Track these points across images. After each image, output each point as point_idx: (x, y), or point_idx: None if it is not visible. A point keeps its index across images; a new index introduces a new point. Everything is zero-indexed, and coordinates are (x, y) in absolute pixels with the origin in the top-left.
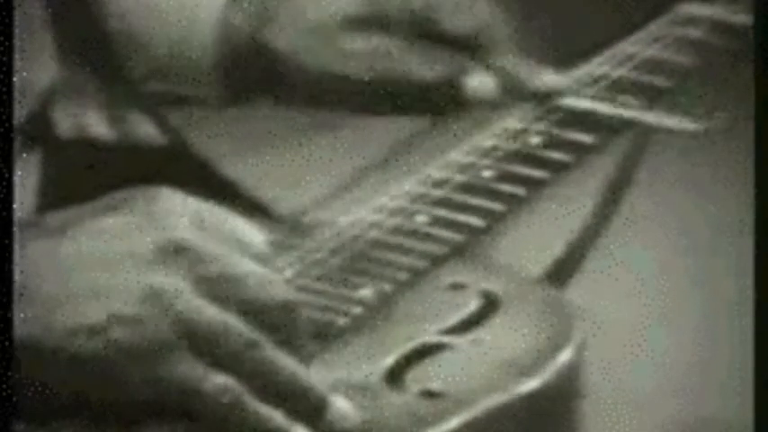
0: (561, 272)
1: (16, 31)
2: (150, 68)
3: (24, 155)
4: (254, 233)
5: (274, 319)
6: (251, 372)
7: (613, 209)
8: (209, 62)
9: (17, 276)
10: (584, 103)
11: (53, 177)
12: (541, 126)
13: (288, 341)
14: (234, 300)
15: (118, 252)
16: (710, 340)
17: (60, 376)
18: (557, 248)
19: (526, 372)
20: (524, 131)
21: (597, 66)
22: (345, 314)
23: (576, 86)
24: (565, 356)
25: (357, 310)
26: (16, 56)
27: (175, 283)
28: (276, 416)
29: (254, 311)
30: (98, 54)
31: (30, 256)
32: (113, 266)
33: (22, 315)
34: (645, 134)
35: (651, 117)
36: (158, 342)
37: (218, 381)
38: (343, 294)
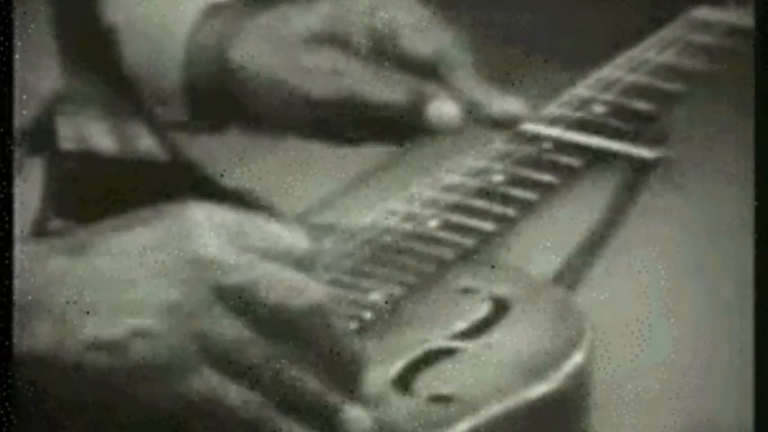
0: (571, 275)
1: (16, 32)
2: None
3: (27, 164)
4: (295, 238)
5: (305, 325)
6: (270, 385)
7: (622, 211)
8: (177, 83)
9: (29, 291)
10: (545, 131)
11: (55, 188)
12: (555, 131)
13: (328, 345)
14: (262, 308)
15: (139, 268)
16: (710, 341)
17: (76, 391)
18: (566, 251)
19: (536, 375)
20: (538, 137)
21: (610, 71)
22: (356, 318)
23: (534, 113)
24: (575, 359)
25: (367, 314)
26: (17, 56)
27: (198, 298)
28: (295, 428)
29: (283, 319)
30: (101, 63)
31: (42, 272)
32: (134, 283)
33: (34, 331)
34: (661, 132)
35: (615, 146)
36: (180, 357)
37: (242, 394)
38: (354, 298)
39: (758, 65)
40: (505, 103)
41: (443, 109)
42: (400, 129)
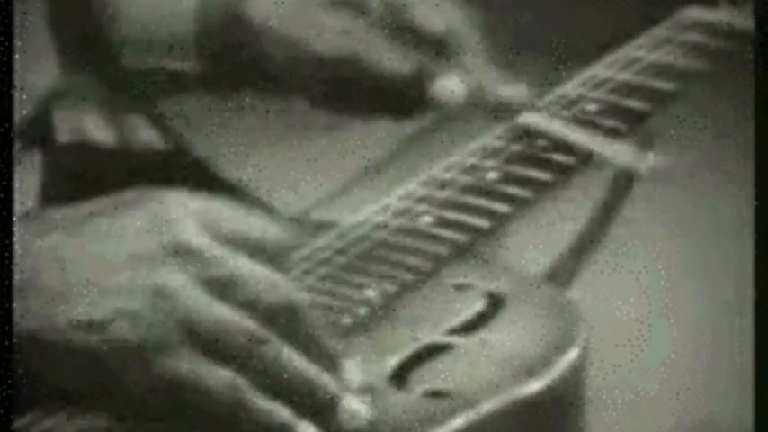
0: (565, 272)
1: (16, 32)
2: (133, 41)
3: (24, 158)
4: (265, 227)
5: (279, 321)
6: (258, 368)
7: (615, 209)
8: (189, 33)
9: (18, 272)
10: (542, 121)
11: (53, 181)
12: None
13: (303, 342)
14: (238, 301)
15: (123, 252)
16: (710, 340)
17: (62, 371)
18: (560, 248)
19: (531, 372)
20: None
21: (602, 69)
22: (350, 314)
23: (537, 102)
24: (569, 356)
25: (362, 310)
26: (16, 56)
27: (181, 282)
28: (282, 412)
29: (259, 312)
30: (98, 57)
31: (32, 251)
32: (118, 265)
33: (22, 310)
34: (648, 137)
35: (608, 149)
36: (163, 338)
37: (224, 377)
38: (348, 295)
39: (758, 65)
40: (510, 89)
41: (449, 85)
42: (406, 102)
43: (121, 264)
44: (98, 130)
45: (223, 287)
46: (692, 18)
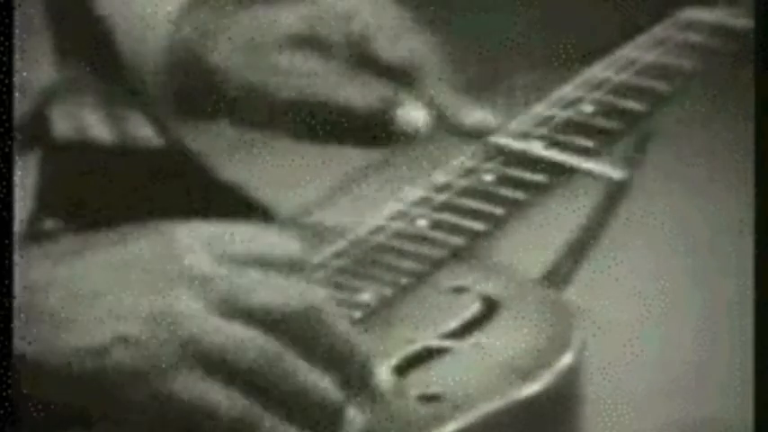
0: (561, 274)
1: (16, 31)
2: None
3: (23, 156)
4: (286, 243)
5: (295, 329)
6: (266, 387)
7: (612, 210)
8: (158, 73)
9: (22, 295)
10: (513, 144)
11: (51, 179)
12: (543, 131)
13: (325, 346)
14: (250, 312)
15: (128, 277)
16: (710, 340)
17: (64, 395)
18: (556, 250)
19: (526, 375)
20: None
21: (599, 71)
22: (346, 318)
23: (505, 125)
24: (565, 359)
25: (357, 313)
26: (16, 56)
27: (186, 305)
28: (289, 429)
29: (273, 321)
30: (97, 54)
31: (38, 277)
32: (123, 291)
33: (26, 334)
34: (645, 135)
35: (578, 163)
36: (164, 363)
37: (230, 399)
38: (344, 298)
39: (758, 65)
40: (476, 115)
41: (412, 115)
42: (370, 133)
43: (124, 289)
44: (97, 127)
45: (236, 301)
46: (691, 18)
